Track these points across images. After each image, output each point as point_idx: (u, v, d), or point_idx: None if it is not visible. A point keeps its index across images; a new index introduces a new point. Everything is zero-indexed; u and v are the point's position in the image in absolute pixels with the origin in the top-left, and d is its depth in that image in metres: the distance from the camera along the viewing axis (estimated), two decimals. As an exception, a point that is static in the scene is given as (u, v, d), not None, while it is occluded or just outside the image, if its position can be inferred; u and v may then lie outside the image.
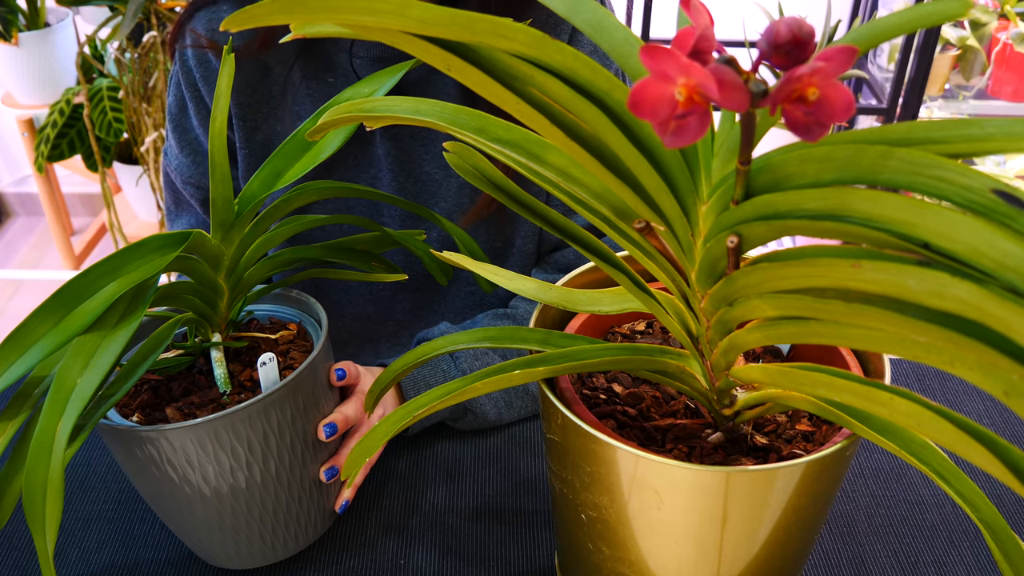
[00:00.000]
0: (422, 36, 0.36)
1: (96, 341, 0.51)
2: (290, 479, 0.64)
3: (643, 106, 0.32)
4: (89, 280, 0.52)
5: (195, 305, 0.62)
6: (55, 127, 2.13)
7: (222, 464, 0.59)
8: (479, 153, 0.53)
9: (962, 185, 0.32)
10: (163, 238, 0.55)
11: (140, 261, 0.53)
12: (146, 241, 0.54)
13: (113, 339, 0.51)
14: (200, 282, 0.61)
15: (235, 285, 0.64)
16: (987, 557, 0.70)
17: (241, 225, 0.62)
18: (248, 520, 0.64)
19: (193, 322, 0.64)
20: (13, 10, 2.13)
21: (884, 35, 0.38)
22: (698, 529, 0.50)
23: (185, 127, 0.91)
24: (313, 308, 0.70)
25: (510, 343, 0.55)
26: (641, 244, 0.44)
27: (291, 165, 0.65)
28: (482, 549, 0.72)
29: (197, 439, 0.58)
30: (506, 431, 0.84)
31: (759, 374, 0.47)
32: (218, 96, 0.59)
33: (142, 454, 0.59)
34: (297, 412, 0.62)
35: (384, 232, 0.69)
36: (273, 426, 0.60)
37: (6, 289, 2.51)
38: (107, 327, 0.52)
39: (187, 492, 0.61)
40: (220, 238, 0.61)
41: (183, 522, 0.65)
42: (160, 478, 0.60)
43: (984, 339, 0.32)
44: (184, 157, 0.92)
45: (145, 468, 0.60)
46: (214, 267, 0.61)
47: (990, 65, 2.14)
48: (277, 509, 0.64)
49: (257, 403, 0.59)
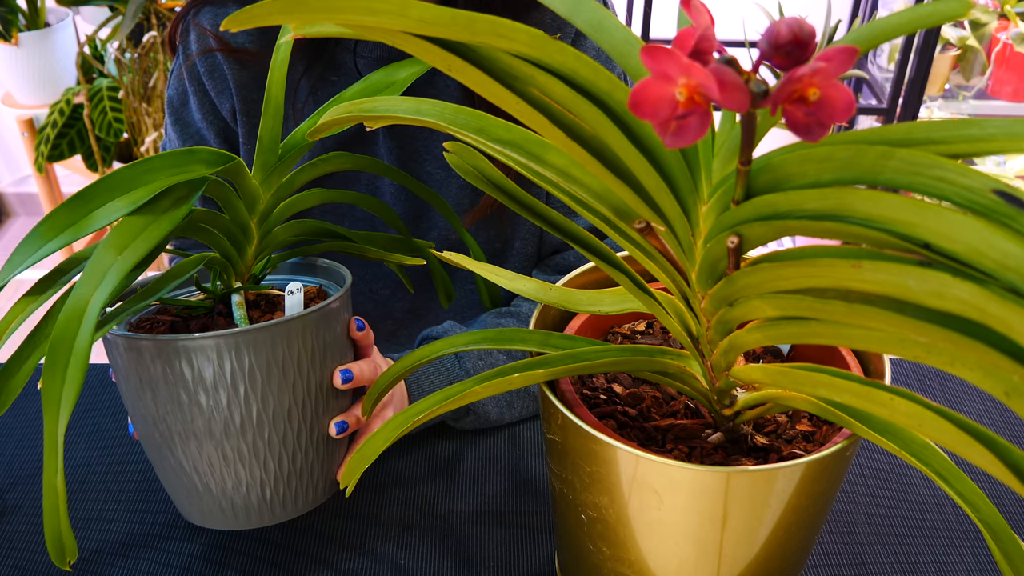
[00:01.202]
0: (422, 36, 0.36)
1: (142, 223, 0.52)
2: (300, 422, 0.63)
3: (644, 106, 0.32)
4: (135, 172, 0.53)
5: (223, 246, 0.63)
6: (55, 127, 2.13)
7: (236, 388, 0.59)
8: (479, 153, 0.53)
9: (962, 185, 0.32)
10: (212, 152, 0.56)
11: (186, 167, 0.55)
12: (196, 150, 0.56)
13: (157, 227, 0.52)
14: (234, 219, 0.62)
15: (264, 236, 0.65)
16: (987, 557, 0.70)
17: (282, 171, 0.63)
18: (251, 463, 0.62)
19: (218, 265, 0.65)
20: (13, 10, 2.13)
21: (884, 35, 0.38)
22: (698, 529, 0.50)
23: (186, 120, 0.91)
24: (337, 272, 0.71)
25: (510, 344, 0.55)
26: (641, 244, 0.44)
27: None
28: (482, 549, 0.72)
29: (217, 353, 0.58)
30: (506, 431, 0.84)
31: (759, 374, 0.47)
32: (282, 34, 0.62)
33: (154, 370, 0.59)
34: (317, 348, 0.62)
35: (404, 231, 0.72)
36: (293, 354, 0.61)
37: (6, 289, 2.51)
38: (152, 215, 0.53)
39: (194, 420, 0.60)
40: (261, 179, 0.62)
41: (181, 461, 0.63)
42: (168, 400, 0.59)
43: (985, 339, 0.32)
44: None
45: (155, 389, 0.59)
46: (249, 208, 0.62)
47: (990, 65, 2.14)
48: (283, 455, 0.63)
49: (282, 324, 0.59)
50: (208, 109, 0.89)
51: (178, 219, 0.53)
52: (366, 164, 0.69)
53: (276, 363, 0.60)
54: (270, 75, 0.62)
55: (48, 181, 2.38)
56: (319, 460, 0.67)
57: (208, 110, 0.89)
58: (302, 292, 0.63)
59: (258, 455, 0.62)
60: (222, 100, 0.88)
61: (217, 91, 0.88)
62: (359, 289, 0.97)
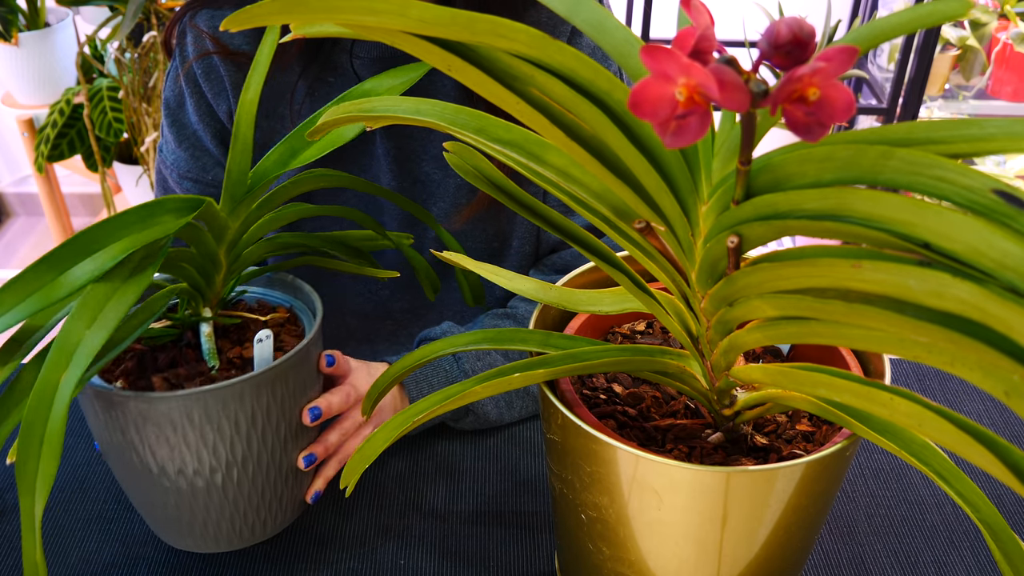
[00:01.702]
0: (422, 36, 0.36)
1: (106, 294, 0.50)
2: (270, 462, 0.63)
3: (644, 106, 0.32)
4: (102, 233, 0.51)
5: (191, 276, 0.61)
6: (55, 127, 2.13)
7: (206, 438, 0.59)
8: (479, 153, 0.53)
9: (962, 185, 0.32)
10: (179, 200, 0.54)
11: (152, 221, 0.52)
12: (163, 201, 0.53)
13: (123, 294, 0.50)
14: (201, 253, 0.60)
15: (233, 261, 0.64)
16: (987, 557, 0.70)
17: (250, 201, 0.61)
18: (222, 500, 0.63)
19: (186, 294, 0.63)
20: (13, 10, 2.13)
21: (884, 35, 0.38)
22: (698, 529, 0.50)
23: (183, 122, 0.91)
24: (306, 294, 0.69)
25: (510, 344, 0.55)
26: (641, 244, 0.44)
27: (308, 146, 0.65)
28: (482, 549, 0.72)
29: (185, 410, 0.57)
30: (506, 431, 0.84)
31: (759, 374, 0.47)
32: (255, 64, 0.60)
33: (124, 420, 0.58)
34: (287, 394, 0.62)
35: (379, 229, 0.69)
36: (262, 405, 0.60)
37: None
38: (118, 281, 0.51)
39: (164, 464, 0.60)
40: (228, 211, 0.60)
41: (152, 497, 0.63)
42: (138, 447, 0.59)
43: (985, 339, 0.32)
44: (182, 151, 0.91)
45: (124, 435, 0.59)
46: (217, 239, 0.61)
47: (990, 65, 2.14)
48: (252, 492, 0.64)
49: (250, 380, 0.59)
50: (204, 111, 0.89)
51: (145, 283, 0.51)
52: (347, 181, 0.67)
53: (245, 414, 0.60)
54: (238, 114, 0.60)
55: (48, 181, 2.38)
56: (287, 489, 0.67)
57: (204, 112, 0.89)
58: (271, 340, 0.62)
59: (226, 492, 0.63)
60: (219, 102, 0.88)
61: (214, 93, 0.87)
62: (359, 289, 0.97)
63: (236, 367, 0.64)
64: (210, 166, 0.91)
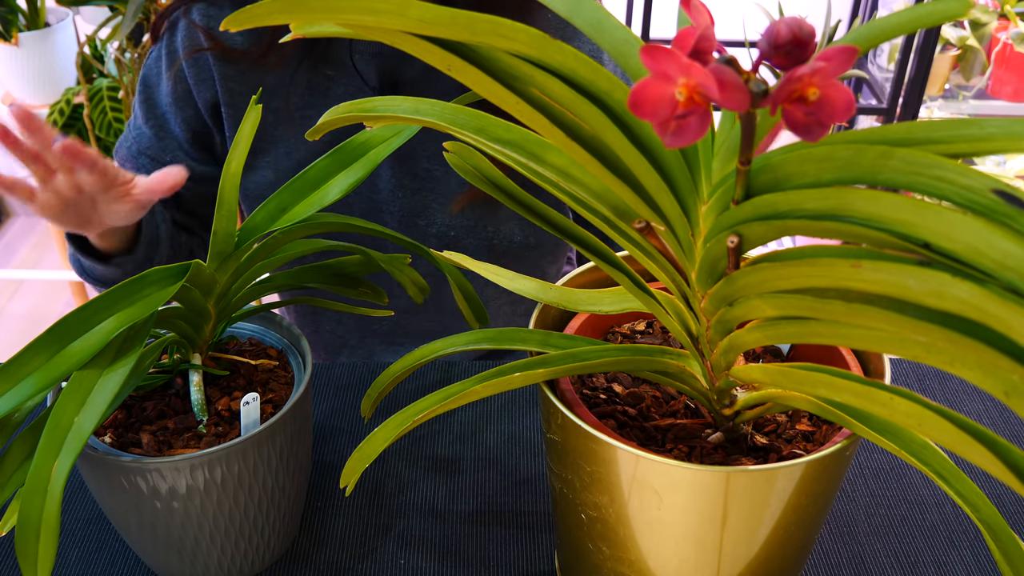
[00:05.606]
0: (422, 36, 0.36)
1: (93, 378, 0.51)
2: (257, 513, 0.64)
3: (643, 106, 0.32)
4: (87, 315, 0.51)
5: (180, 328, 0.62)
6: (55, 127, 2.13)
7: (192, 497, 0.59)
8: (479, 153, 0.53)
9: (962, 185, 0.32)
10: (162, 271, 0.54)
11: (138, 296, 0.53)
12: (146, 275, 0.54)
13: (111, 377, 0.51)
14: (189, 308, 0.60)
15: (222, 310, 0.64)
16: (987, 557, 0.70)
17: (238, 255, 0.61)
18: (208, 548, 0.64)
19: (175, 342, 0.63)
20: (13, 10, 2.13)
21: (884, 35, 0.38)
22: (698, 529, 0.50)
23: (155, 100, 0.90)
24: (298, 341, 0.69)
25: (510, 344, 0.55)
26: (641, 244, 0.44)
27: (297, 202, 0.64)
28: (482, 549, 0.72)
29: (173, 472, 0.58)
30: (506, 431, 0.84)
31: (759, 374, 0.47)
32: (237, 140, 0.59)
33: (110, 478, 0.59)
34: (273, 452, 0.62)
35: (369, 256, 0.68)
36: (249, 465, 0.61)
37: (6, 289, 2.51)
38: (104, 364, 0.51)
39: (152, 516, 0.61)
40: (215, 267, 0.60)
41: (143, 543, 0.65)
42: (126, 500, 0.60)
43: (984, 339, 0.32)
44: (147, 128, 0.91)
45: (110, 485, 0.60)
46: (206, 294, 0.61)
47: (990, 65, 2.14)
48: (239, 540, 0.65)
49: (237, 444, 0.59)
50: (181, 94, 0.88)
51: (131, 363, 0.51)
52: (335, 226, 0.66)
53: (232, 476, 0.60)
54: (222, 183, 0.59)
55: (48, 181, 2.37)
56: (275, 533, 0.68)
57: (181, 95, 0.88)
58: (258, 402, 0.62)
59: (214, 542, 0.64)
60: (200, 89, 0.87)
61: (197, 79, 0.87)
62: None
63: (224, 420, 0.64)
64: (171, 148, 0.91)
